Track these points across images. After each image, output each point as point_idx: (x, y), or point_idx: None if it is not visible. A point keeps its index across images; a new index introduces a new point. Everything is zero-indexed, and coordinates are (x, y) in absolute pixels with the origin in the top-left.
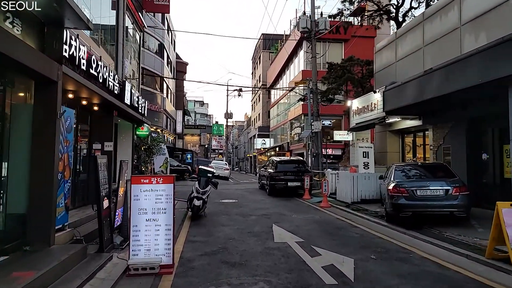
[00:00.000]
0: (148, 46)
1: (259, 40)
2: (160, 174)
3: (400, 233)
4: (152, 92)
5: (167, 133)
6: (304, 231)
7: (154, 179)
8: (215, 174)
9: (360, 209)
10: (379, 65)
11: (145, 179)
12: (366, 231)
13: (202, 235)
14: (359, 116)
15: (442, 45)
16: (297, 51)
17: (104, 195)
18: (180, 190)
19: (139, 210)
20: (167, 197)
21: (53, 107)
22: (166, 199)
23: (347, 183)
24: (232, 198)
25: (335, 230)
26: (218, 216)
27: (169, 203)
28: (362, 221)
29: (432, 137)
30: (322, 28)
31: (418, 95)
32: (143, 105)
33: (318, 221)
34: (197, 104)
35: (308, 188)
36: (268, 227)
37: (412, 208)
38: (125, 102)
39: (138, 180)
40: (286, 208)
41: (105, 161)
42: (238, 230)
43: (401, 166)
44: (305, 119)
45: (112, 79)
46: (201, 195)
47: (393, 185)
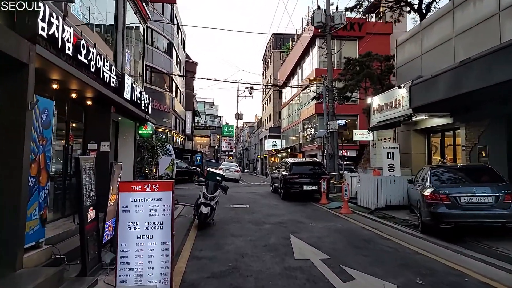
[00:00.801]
0: (157, 45)
1: (270, 39)
2: (165, 177)
3: (442, 247)
4: (161, 91)
5: (176, 134)
6: (327, 244)
7: (148, 185)
8: (225, 176)
9: (387, 216)
10: (401, 59)
11: (136, 185)
12: (400, 245)
13: (209, 249)
14: (381, 114)
15: (478, 33)
16: (310, 49)
17: (90, 204)
18: (188, 194)
19: (129, 225)
20: (164, 208)
21: (22, 96)
22: (163, 210)
23: (370, 187)
24: (243, 203)
25: (363, 243)
26: (228, 224)
27: (167, 215)
28: (392, 231)
29: (464, 136)
30: (338, 22)
31: (453, 89)
32: (147, 101)
33: (341, 231)
34: (207, 105)
35: (326, 192)
36: (285, 238)
37: (455, 218)
38: (125, 97)
39: (127, 187)
40: (303, 215)
41: (91, 163)
42: (251, 242)
43: (438, 169)
44: (318, 119)
45: (108, 69)
46: (209, 201)
47: (431, 191)
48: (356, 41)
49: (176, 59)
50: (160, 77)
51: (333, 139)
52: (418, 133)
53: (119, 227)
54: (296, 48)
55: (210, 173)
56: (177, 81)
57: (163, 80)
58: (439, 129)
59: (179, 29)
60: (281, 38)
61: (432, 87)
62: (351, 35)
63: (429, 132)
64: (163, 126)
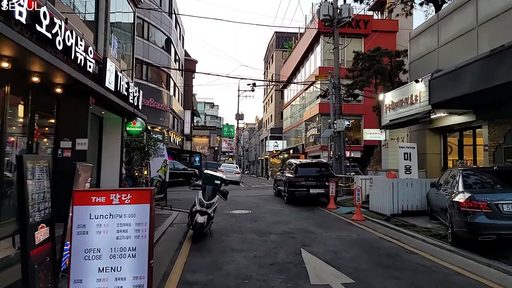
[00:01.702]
0: (154, 40)
1: (272, 38)
2: (157, 179)
3: (483, 264)
4: (158, 89)
5: (173, 134)
6: (348, 262)
7: (115, 195)
8: (225, 180)
9: (406, 224)
10: (415, 53)
11: (98, 195)
12: (433, 261)
13: (205, 270)
14: (394, 112)
15: (506, 21)
16: (314, 47)
17: (40, 220)
18: (184, 198)
19: (87, 252)
20: (138, 228)
21: None
22: (137, 231)
23: (384, 191)
24: (245, 208)
25: (389, 259)
26: (228, 234)
27: (142, 238)
28: (416, 243)
29: (487, 135)
30: (346, 16)
31: (483, 81)
32: (136, 94)
33: (359, 243)
34: (207, 106)
35: (334, 196)
36: (296, 253)
37: (498, 229)
38: (106, 87)
39: (85, 198)
40: (312, 222)
41: (44, 164)
42: (255, 259)
43: (470, 171)
44: (322, 119)
45: (83, 51)
46: (205, 208)
47: (467, 197)
48: (362, 39)
49: (174, 56)
50: (157, 74)
51: (340, 139)
52: (434, 132)
53: (72, 256)
54: (299, 46)
55: (208, 176)
56: (175, 79)
57: (160, 77)
58: (455, 128)
59: (178, 24)
60: (283, 37)
61: (455, 80)
62: (356, 32)
63: (445, 131)
64: (159, 125)
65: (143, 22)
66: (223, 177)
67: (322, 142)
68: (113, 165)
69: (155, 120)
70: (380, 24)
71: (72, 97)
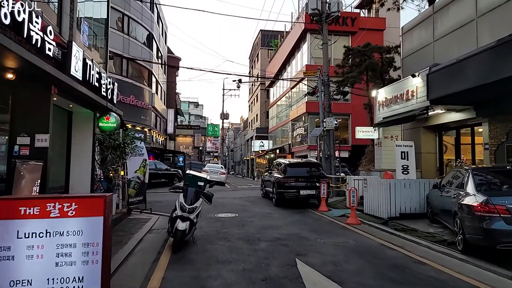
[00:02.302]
0: (135, 35)
1: (257, 36)
2: (135, 181)
3: (505, 277)
4: (139, 86)
5: (156, 133)
6: (350, 276)
7: (53, 204)
8: (209, 180)
9: (406, 228)
10: (408, 48)
11: (29, 205)
12: (446, 273)
13: None
14: (388, 109)
15: (510, 11)
16: (300, 45)
17: None
18: (166, 200)
19: (13, 286)
20: (87, 249)
21: None
22: (85, 254)
23: (380, 192)
24: (231, 211)
25: (397, 272)
26: (213, 242)
27: (93, 264)
28: (423, 251)
29: (488, 133)
30: (335, 10)
31: (488, 74)
32: (110, 87)
33: (358, 251)
34: (191, 105)
35: (325, 198)
36: (291, 265)
37: None
38: (72, 75)
39: (10, 209)
40: (304, 227)
41: None
42: (244, 273)
43: (482, 171)
44: (309, 118)
45: (39, 29)
46: (187, 213)
47: (482, 200)
48: (349, 37)
49: (156, 53)
50: (138, 71)
51: (329, 138)
52: (429, 131)
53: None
54: (285, 44)
55: (190, 176)
56: (158, 76)
57: (142, 74)
58: (452, 126)
59: (160, 19)
60: (268, 35)
61: (457, 74)
62: (344, 30)
63: (441, 130)
64: (141, 124)
65: (123, 16)
66: (207, 178)
67: (309, 142)
68: (84, 165)
69: (136, 119)
70: (367, 22)
71: (30, 86)
